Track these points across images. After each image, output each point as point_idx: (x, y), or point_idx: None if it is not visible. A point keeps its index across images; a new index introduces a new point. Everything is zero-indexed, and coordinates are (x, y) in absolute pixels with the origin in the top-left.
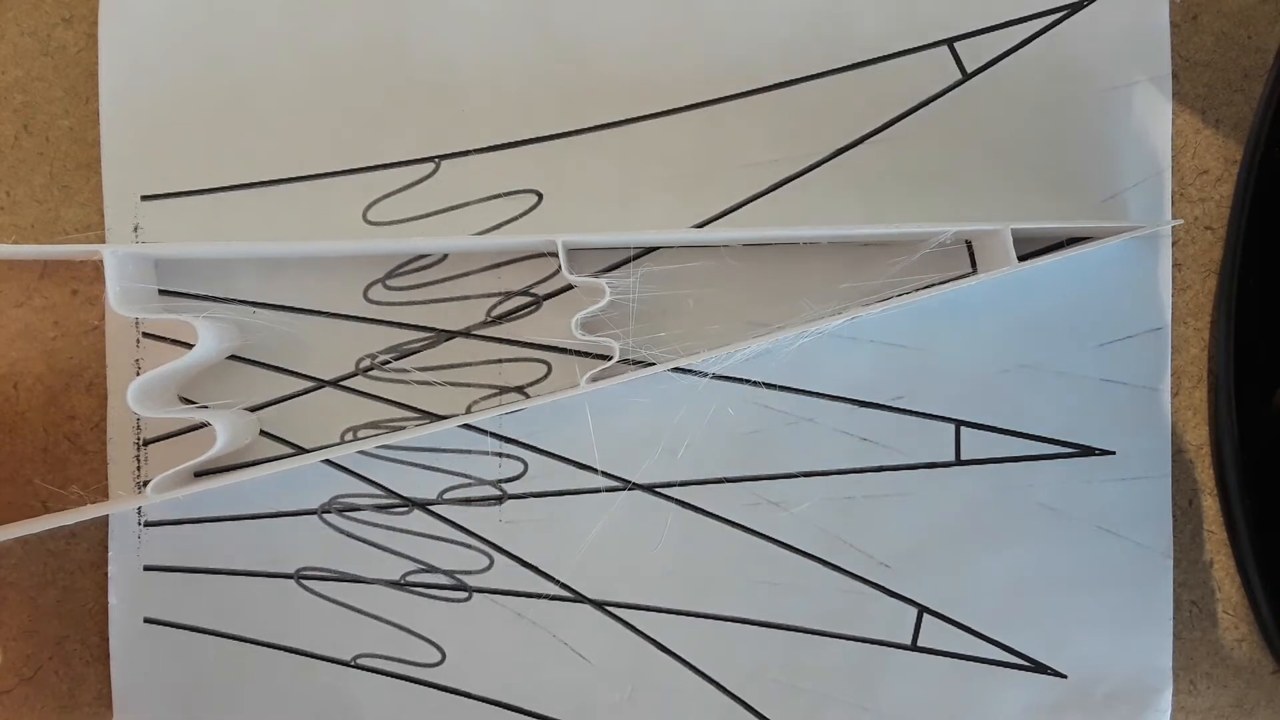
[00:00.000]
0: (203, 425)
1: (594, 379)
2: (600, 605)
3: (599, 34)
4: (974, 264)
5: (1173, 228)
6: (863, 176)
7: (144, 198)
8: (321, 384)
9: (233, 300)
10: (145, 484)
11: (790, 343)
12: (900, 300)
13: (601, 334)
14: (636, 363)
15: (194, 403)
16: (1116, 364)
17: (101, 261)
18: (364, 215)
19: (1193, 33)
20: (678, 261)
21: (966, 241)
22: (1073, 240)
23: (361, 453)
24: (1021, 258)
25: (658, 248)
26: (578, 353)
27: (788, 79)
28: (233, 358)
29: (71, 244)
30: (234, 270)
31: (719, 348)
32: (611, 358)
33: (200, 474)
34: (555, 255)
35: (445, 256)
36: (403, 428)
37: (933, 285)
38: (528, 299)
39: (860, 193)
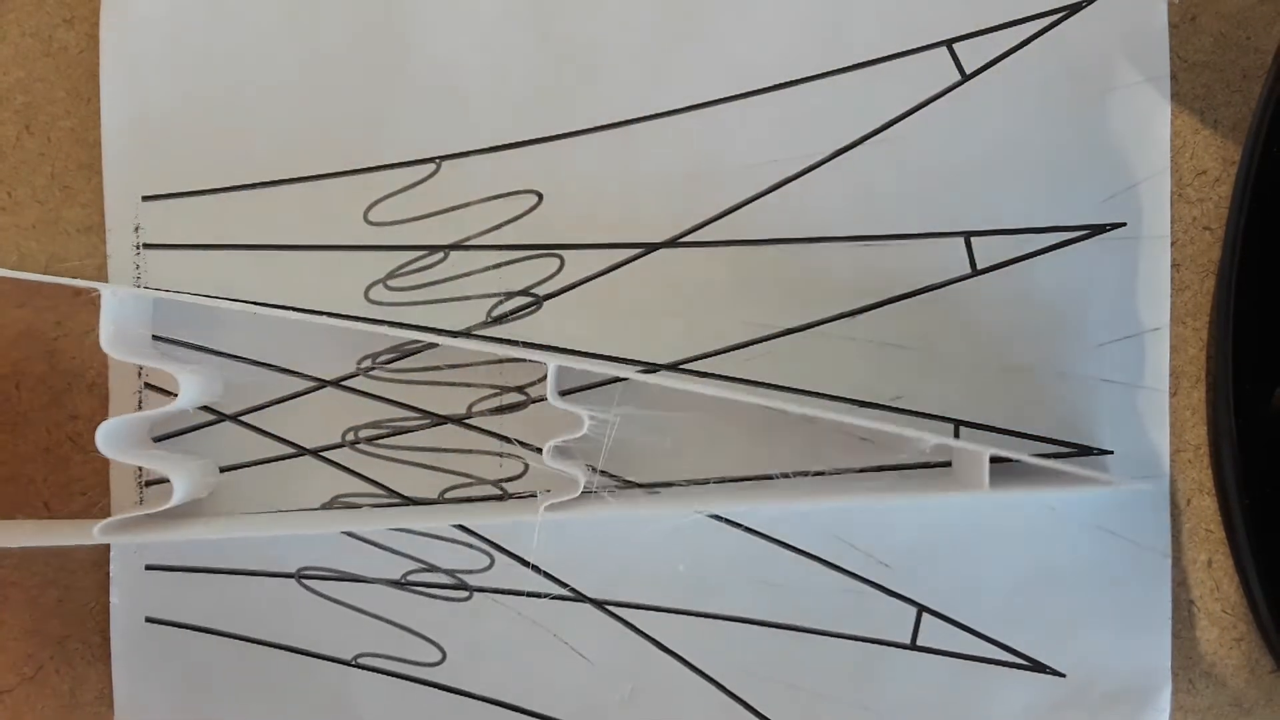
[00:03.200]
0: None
1: (551, 509)
2: (600, 605)
3: (599, 34)
4: (973, 264)
5: (1171, 229)
6: (863, 176)
7: (145, 198)
8: (323, 383)
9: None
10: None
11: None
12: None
13: (571, 463)
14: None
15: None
16: (1116, 364)
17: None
18: (364, 215)
19: (1191, 33)
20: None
21: (966, 239)
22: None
23: (361, 452)
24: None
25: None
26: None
27: (788, 80)
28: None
29: (73, 275)
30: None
31: (682, 495)
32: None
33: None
34: (556, 255)
35: (446, 255)
36: (405, 430)
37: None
38: (528, 299)
39: (860, 193)
